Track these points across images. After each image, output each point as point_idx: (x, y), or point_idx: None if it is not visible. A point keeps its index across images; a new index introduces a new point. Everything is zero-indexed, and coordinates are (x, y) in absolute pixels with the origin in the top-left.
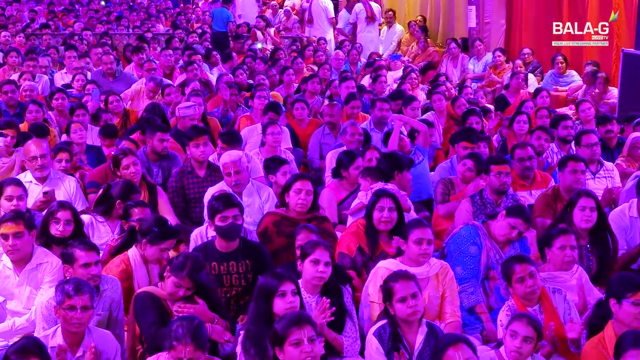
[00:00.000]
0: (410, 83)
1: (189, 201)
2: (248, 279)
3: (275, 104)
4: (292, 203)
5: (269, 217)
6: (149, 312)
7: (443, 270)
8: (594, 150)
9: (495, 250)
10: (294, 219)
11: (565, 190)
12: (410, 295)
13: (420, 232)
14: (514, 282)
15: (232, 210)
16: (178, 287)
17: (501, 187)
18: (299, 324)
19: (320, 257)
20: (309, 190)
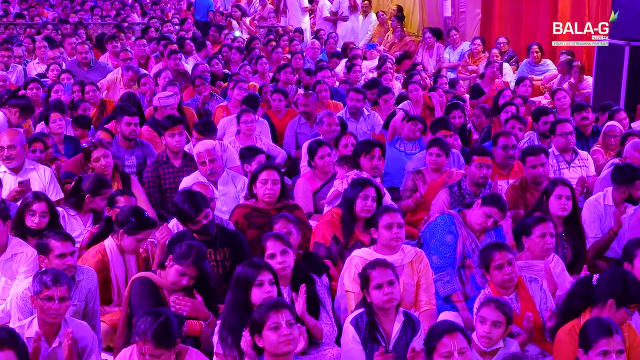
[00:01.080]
0: (386, 72)
1: (165, 191)
2: (226, 267)
3: (252, 98)
4: (260, 194)
5: (239, 210)
6: (145, 297)
7: (418, 257)
8: (568, 139)
9: (471, 239)
10: (263, 209)
11: (531, 180)
12: (386, 283)
13: (389, 216)
14: (492, 269)
15: (202, 214)
16: (182, 276)
17: (481, 179)
18: (276, 308)
19: (273, 249)
20: (275, 180)
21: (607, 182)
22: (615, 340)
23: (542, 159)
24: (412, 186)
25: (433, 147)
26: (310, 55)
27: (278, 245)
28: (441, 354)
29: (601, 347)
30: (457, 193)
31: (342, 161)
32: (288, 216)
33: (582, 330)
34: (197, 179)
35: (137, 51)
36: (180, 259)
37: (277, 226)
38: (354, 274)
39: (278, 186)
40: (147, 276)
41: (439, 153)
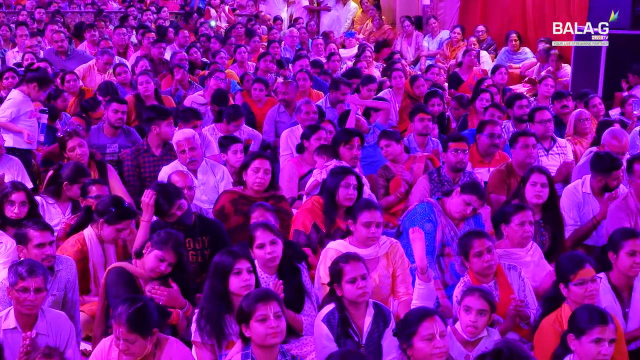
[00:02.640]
0: (365, 61)
1: (144, 180)
2: (205, 256)
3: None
4: (250, 181)
5: (226, 196)
6: (121, 287)
7: (393, 248)
8: (547, 127)
9: (450, 227)
10: (251, 197)
11: (518, 165)
12: (360, 277)
13: (369, 214)
14: (472, 256)
15: (175, 206)
16: (161, 261)
17: (458, 164)
18: (264, 300)
19: (263, 239)
20: (267, 169)
21: (585, 170)
22: (609, 329)
23: (532, 140)
24: (384, 182)
25: (381, 140)
26: (289, 44)
27: (267, 235)
28: (423, 337)
29: (595, 334)
30: (436, 179)
31: (321, 150)
32: (265, 205)
33: (574, 316)
34: (177, 168)
35: (116, 40)
36: (159, 244)
37: (254, 215)
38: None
39: (269, 176)
40: (122, 266)
41: (387, 143)
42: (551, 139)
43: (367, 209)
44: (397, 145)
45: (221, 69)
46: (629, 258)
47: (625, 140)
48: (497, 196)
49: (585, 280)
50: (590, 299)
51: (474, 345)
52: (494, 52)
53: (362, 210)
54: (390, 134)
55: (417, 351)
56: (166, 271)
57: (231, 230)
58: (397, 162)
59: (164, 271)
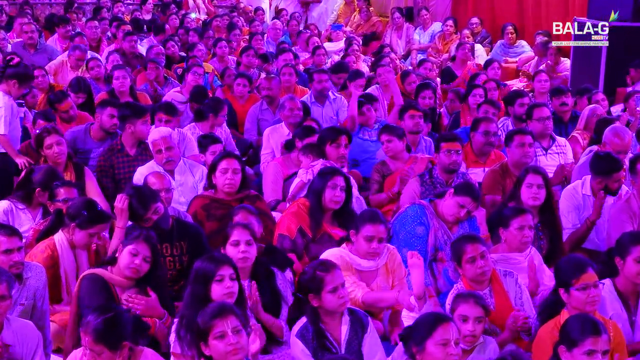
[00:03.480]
0: (353, 55)
1: (119, 181)
2: (183, 262)
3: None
4: (220, 184)
5: (198, 201)
6: (95, 295)
7: (391, 257)
8: (545, 125)
9: (444, 231)
10: (223, 200)
11: (514, 165)
12: (340, 285)
13: (373, 228)
14: (464, 262)
15: (150, 211)
16: (134, 255)
17: (451, 165)
18: (221, 315)
19: (239, 237)
20: (236, 169)
21: (585, 170)
22: (602, 339)
23: (529, 139)
24: (379, 178)
25: (382, 135)
26: (271, 37)
27: (244, 235)
28: (437, 342)
29: (587, 346)
30: (428, 182)
31: (306, 150)
32: (249, 207)
33: (565, 326)
34: (153, 169)
35: (88, 33)
36: (130, 239)
37: (237, 218)
38: None
39: (239, 176)
40: (97, 272)
41: (389, 139)
42: (550, 138)
43: (371, 222)
44: (399, 141)
45: (199, 63)
46: (637, 264)
47: (628, 138)
48: (492, 198)
49: (588, 285)
50: (592, 305)
51: (469, 353)
52: (489, 45)
53: (366, 222)
54: (393, 129)
55: (428, 355)
56: (142, 267)
57: (206, 237)
58: (397, 160)
59: (139, 267)
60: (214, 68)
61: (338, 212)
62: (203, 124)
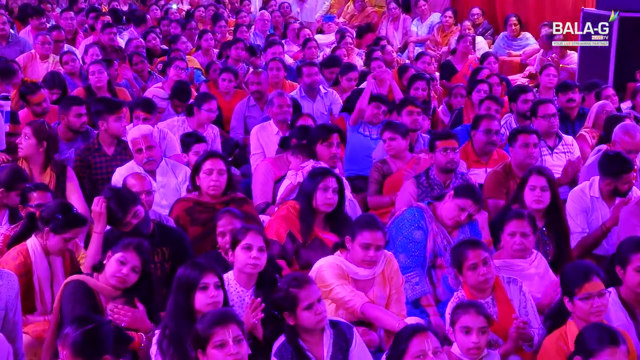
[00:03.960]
0: (346, 48)
1: (96, 182)
2: (165, 269)
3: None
4: (204, 186)
5: (180, 204)
6: (78, 304)
7: (388, 264)
8: (551, 122)
9: (443, 236)
10: (208, 203)
11: (517, 166)
12: (316, 301)
13: (370, 235)
14: (465, 269)
15: (130, 214)
16: (122, 264)
17: (448, 164)
18: (223, 323)
19: (252, 242)
20: (221, 170)
21: (593, 171)
22: (620, 350)
23: (534, 138)
24: (379, 177)
25: (385, 132)
26: (259, 29)
27: (258, 240)
28: (414, 355)
29: (605, 357)
30: (425, 184)
31: (296, 150)
32: (233, 211)
33: (582, 335)
34: (132, 170)
35: (63, 25)
36: (120, 247)
37: (221, 222)
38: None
39: (224, 177)
40: (81, 279)
41: (392, 136)
42: (556, 136)
43: (368, 228)
44: (402, 140)
45: (182, 57)
46: (637, 274)
47: (639, 136)
48: (495, 201)
49: (592, 295)
50: (596, 315)
51: None
52: (490, 37)
53: (363, 228)
54: (397, 126)
55: None
56: (129, 278)
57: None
58: (399, 160)
59: (126, 277)
60: (199, 62)
61: (330, 215)
62: (191, 120)
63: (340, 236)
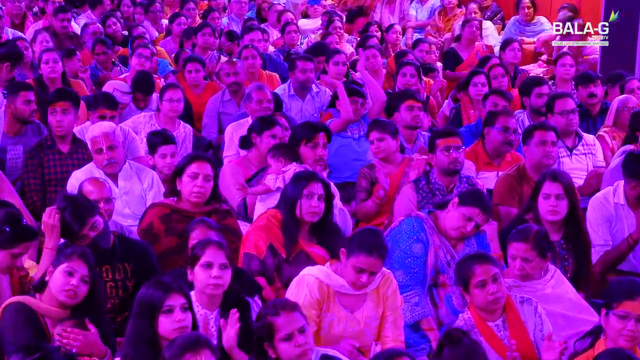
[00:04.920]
0: (335, 34)
1: (48, 182)
2: (127, 289)
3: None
4: (186, 191)
5: (155, 210)
6: (21, 330)
7: (385, 281)
8: (570, 119)
9: (446, 249)
10: (188, 212)
11: (533, 168)
12: (297, 331)
13: (367, 261)
14: (472, 287)
15: (87, 226)
16: (70, 275)
17: (451, 165)
18: (194, 349)
19: (212, 258)
20: (207, 175)
21: (618, 175)
22: None
23: (552, 136)
24: (367, 185)
25: (372, 132)
26: (235, 12)
27: (219, 256)
28: None
29: None
30: (425, 188)
31: (276, 152)
32: (208, 221)
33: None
34: (91, 173)
35: (9, 8)
36: (62, 258)
37: (194, 234)
38: (303, 298)
39: (210, 184)
40: (22, 301)
41: (381, 137)
42: (575, 135)
43: (367, 252)
44: (392, 140)
45: (146, 44)
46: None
47: None
48: (506, 208)
49: (629, 315)
50: (628, 340)
51: None
52: (500, 22)
53: (361, 251)
54: (385, 125)
55: None
56: (80, 289)
57: (162, 255)
58: (389, 163)
59: (77, 288)
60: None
61: (316, 225)
62: (159, 116)
63: (329, 249)
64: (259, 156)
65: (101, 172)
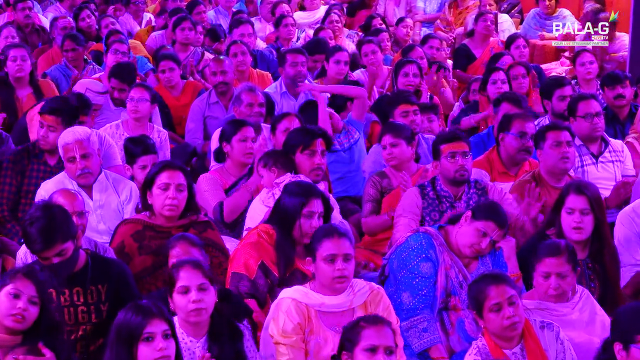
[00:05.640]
0: (332, 28)
1: (25, 194)
2: (101, 313)
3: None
4: (158, 204)
5: (126, 227)
6: None
7: (374, 297)
8: (595, 123)
9: (458, 269)
10: (162, 227)
11: (549, 173)
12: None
13: (332, 244)
14: (487, 311)
15: (53, 250)
16: (16, 297)
17: (457, 174)
18: None
19: (188, 281)
20: (180, 185)
21: None
22: None
23: (567, 135)
24: (376, 194)
25: (385, 136)
26: (222, 5)
27: (195, 277)
28: None
29: None
30: (431, 194)
31: (269, 160)
32: (190, 237)
33: None
34: (63, 184)
35: None
36: (7, 278)
37: (174, 252)
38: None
39: (184, 194)
40: None
41: (394, 142)
42: (602, 141)
43: (328, 236)
44: (406, 146)
45: (123, 39)
46: None
47: None
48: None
49: None
50: None
51: None
52: (519, 15)
53: (322, 239)
54: (400, 129)
55: None
56: (29, 313)
57: (136, 277)
58: (402, 172)
59: (24, 312)
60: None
61: None
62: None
63: None
64: (236, 165)
65: (74, 183)
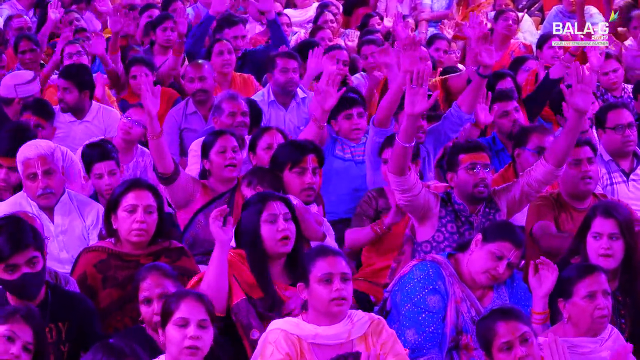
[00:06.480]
0: (328, 28)
1: None
2: (61, 355)
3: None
4: (124, 229)
5: (88, 256)
6: None
7: (375, 327)
8: (626, 136)
9: (471, 302)
10: (129, 255)
11: (569, 194)
12: None
13: (326, 263)
14: (496, 351)
15: (22, 255)
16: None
17: (477, 189)
18: None
19: (189, 315)
20: (148, 206)
21: None
22: None
23: (587, 151)
24: (372, 213)
25: (386, 149)
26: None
27: (197, 311)
28: None
29: None
30: (448, 207)
31: (253, 178)
32: (163, 267)
33: None
34: (20, 206)
35: None
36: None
37: (145, 284)
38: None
39: (154, 217)
40: None
41: None
42: (634, 156)
43: (322, 255)
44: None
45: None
46: None
47: None
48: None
49: None
50: None
51: None
52: (539, 14)
53: (315, 259)
54: None
55: None
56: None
57: (101, 313)
58: None
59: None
60: None
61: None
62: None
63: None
64: (219, 181)
65: (34, 204)
